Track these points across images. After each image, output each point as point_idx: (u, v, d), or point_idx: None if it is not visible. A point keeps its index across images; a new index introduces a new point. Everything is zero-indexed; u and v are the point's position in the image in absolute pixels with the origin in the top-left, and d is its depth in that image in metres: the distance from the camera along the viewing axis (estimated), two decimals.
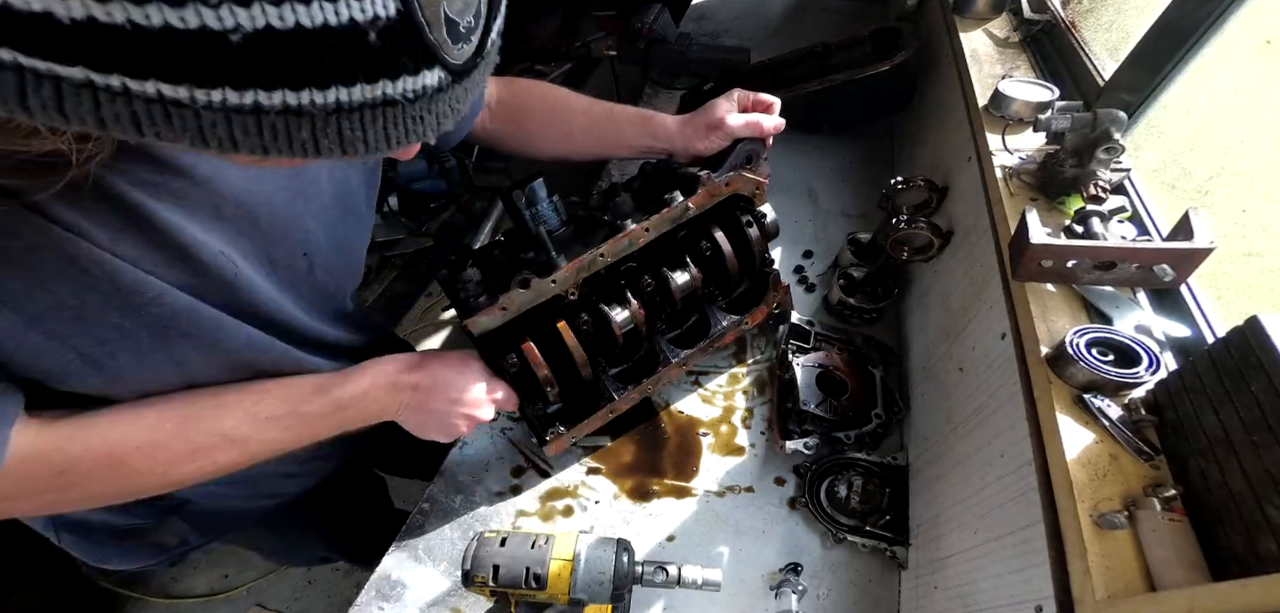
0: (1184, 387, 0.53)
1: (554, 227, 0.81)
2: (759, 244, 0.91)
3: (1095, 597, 0.47)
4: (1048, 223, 0.68)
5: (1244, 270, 0.73)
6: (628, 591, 0.72)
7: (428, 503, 0.88)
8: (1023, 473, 0.61)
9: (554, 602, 0.71)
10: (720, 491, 0.90)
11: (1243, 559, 0.44)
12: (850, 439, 0.91)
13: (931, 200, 1.06)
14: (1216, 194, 0.81)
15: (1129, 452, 0.55)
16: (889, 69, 1.30)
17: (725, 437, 0.97)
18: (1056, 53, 1.11)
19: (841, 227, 1.30)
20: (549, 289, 0.78)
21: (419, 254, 2.50)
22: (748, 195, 0.90)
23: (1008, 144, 0.87)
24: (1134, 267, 0.64)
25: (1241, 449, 0.46)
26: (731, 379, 1.04)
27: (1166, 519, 0.49)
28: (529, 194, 0.80)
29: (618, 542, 0.73)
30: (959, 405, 0.80)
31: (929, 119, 1.32)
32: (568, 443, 0.89)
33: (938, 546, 0.75)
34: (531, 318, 0.79)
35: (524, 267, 0.77)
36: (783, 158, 1.48)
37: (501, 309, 0.75)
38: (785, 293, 1.01)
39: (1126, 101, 0.86)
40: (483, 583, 0.70)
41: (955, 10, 1.26)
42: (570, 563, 0.70)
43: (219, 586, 1.75)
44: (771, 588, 0.80)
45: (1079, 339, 0.60)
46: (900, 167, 1.42)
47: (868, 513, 0.86)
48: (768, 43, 1.86)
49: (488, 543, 0.72)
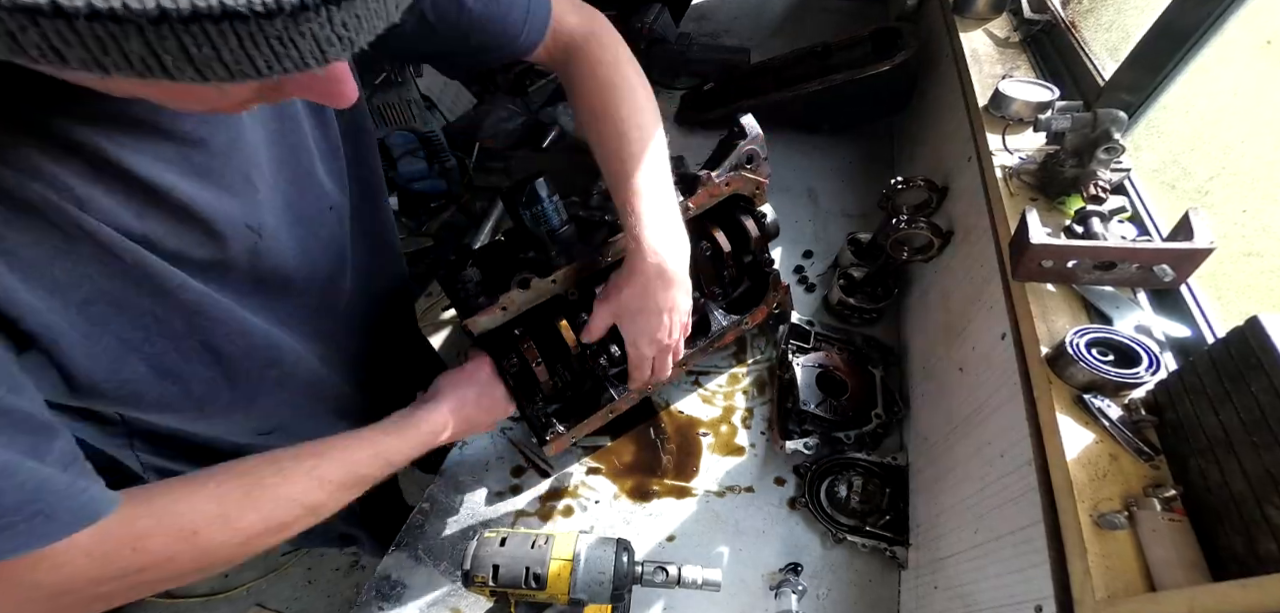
0: (1184, 387, 0.53)
1: (555, 226, 0.81)
2: (759, 244, 0.91)
3: (1095, 597, 0.47)
4: (1048, 223, 0.68)
5: (1244, 270, 0.73)
6: (628, 591, 0.72)
7: (428, 503, 0.88)
8: (1023, 473, 0.61)
9: (554, 602, 0.71)
10: (720, 491, 0.90)
11: (1243, 559, 0.44)
12: (850, 439, 0.91)
13: (931, 200, 1.06)
14: (1216, 194, 0.81)
15: (1129, 452, 0.55)
16: (889, 69, 1.30)
17: (725, 437, 0.97)
18: (1056, 53, 1.11)
19: (841, 227, 1.30)
20: (549, 289, 0.78)
21: (419, 254, 2.50)
22: (748, 195, 0.90)
23: (1008, 144, 0.87)
24: (1134, 267, 0.64)
25: (1241, 449, 0.46)
26: (731, 379, 1.04)
27: (1166, 519, 0.49)
28: (529, 193, 0.79)
29: (618, 542, 0.73)
30: (959, 405, 0.80)
31: (929, 119, 1.32)
32: (568, 443, 0.89)
33: (938, 546, 0.75)
34: (532, 318, 0.79)
35: (524, 266, 0.77)
36: (783, 158, 1.48)
37: (501, 309, 0.75)
38: (785, 293, 1.01)
39: (1126, 101, 0.86)
40: (483, 583, 0.70)
41: (955, 10, 1.26)
42: (570, 563, 0.70)
43: (219, 585, 1.75)
44: (771, 588, 0.80)
45: (1079, 339, 0.60)
46: (900, 167, 1.42)
47: (868, 513, 0.86)
48: (768, 43, 1.85)
49: (488, 543, 0.72)
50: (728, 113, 1.19)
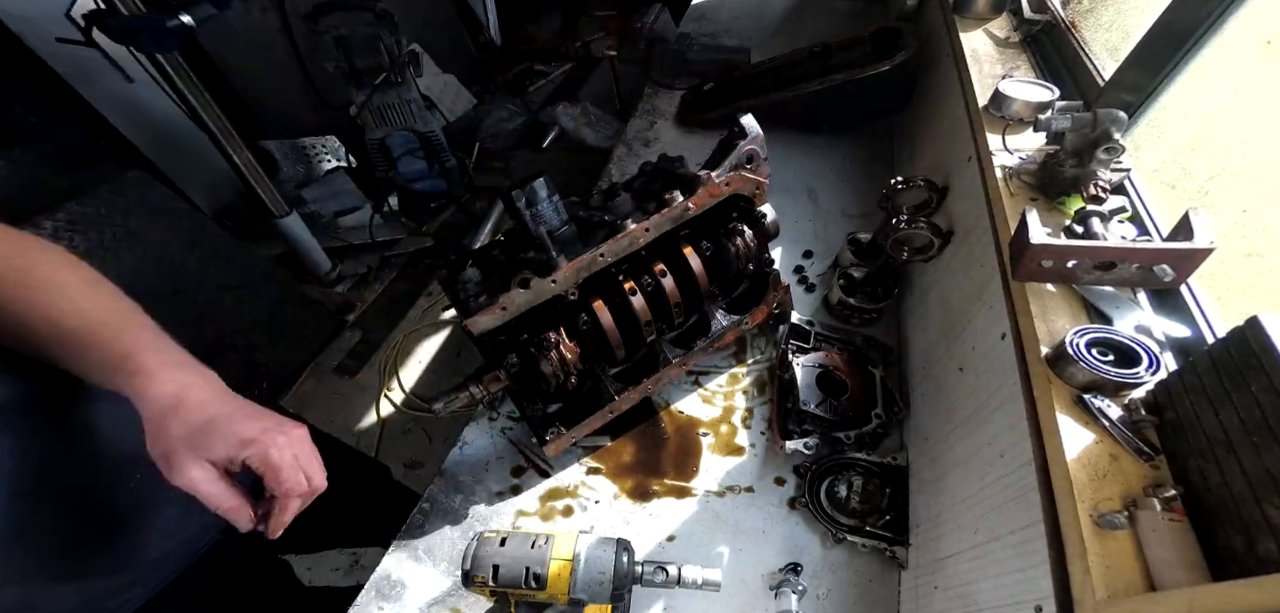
0: (1184, 387, 0.53)
1: (555, 226, 0.81)
2: (759, 244, 0.91)
3: (1095, 597, 0.47)
4: (1048, 223, 0.68)
5: (1244, 270, 0.73)
6: (627, 591, 0.72)
7: (428, 503, 0.88)
8: (1023, 473, 0.61)
9: (554, 602, 0.71)
10: (720, 491, 0.90)
11: (1243, 559, 0.44)
12: (850, 439, 0.91)
13: (931, 200, 1.06)
14: (1217, 194, 0.81)
15: (1129, 452, 0.55)
16: (889, 69, 1.30)
17: (725, 437, 0.97)
18: (1056, 53, 1.11)
19: (841, 227, 1.30)
20: (549, 289, 0.78)
21: (419, 254, 2.51)
22: (748, 195, 0.90)
23: (1008, 144, 0.87)
24: (1134, 267, 0.64)
25: (1241, 449, 0.46)
26: (731, 379, 1.04)
27: (1166, 519, 0.49)
28: (530, 194, 0.80)
29: (618, 542, 0.73)
30: (959, 405, 0.80)
31: (929, 119, 1.32)
32: (568, 443, 0.89)
33: (938, 546, 0.75)
34: (532, 318, 0.79)
35: (524, 267, 0.77)
36: (783, 158, 1.48)
37: (501, 309, 0.75)
38: (785, 293, 1.01)
39: (1126, 101, 0.86)
40: (483, 583, 0.70)
41: (955, 10, 1.26)
42: (570, 563, 0.70)
43: None
44: (771, 588, 0.80)
45: (1079, 339, 0.60)
46: (900, 167, 1.42)
47: (868, 513, 0.86)
48: (768, 43, 1.86)
49: (488, 543, 0.72)
50: (728, 113, 1.19)
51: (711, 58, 1.72)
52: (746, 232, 0.90)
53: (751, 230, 0.91)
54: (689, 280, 0.88)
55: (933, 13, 1.49)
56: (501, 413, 0.99)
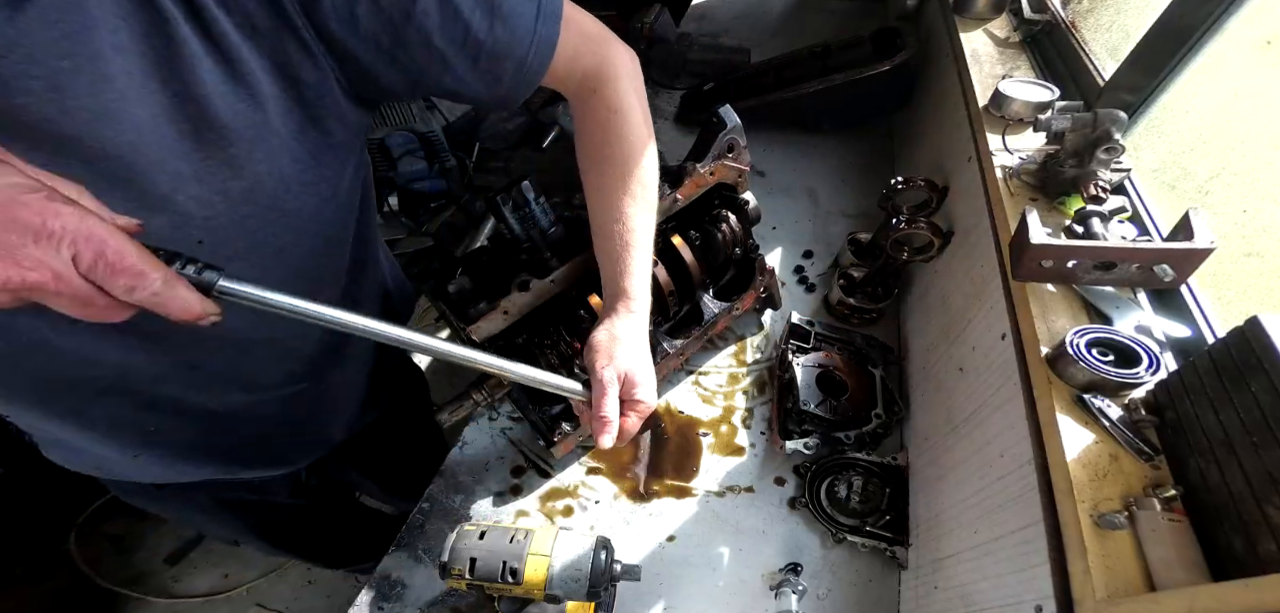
0: (1184, 387, 0.53)
1: (544, 228, 0.81)
2: (744, 229, 0.92)
3: (1095, 597, 0.47)
4: (1048, 223, 0.68)
5: (1244, 271, 0.73)
6: (604, 589, 0.70)
7: (428, 503, 0.88)
8: (1023, 473, 0.61)
9: (533, 597, 0.70)
10: (720, 491, 0.90)
11: (1243, 559, 0.44)
12: (850, 439, 0.92)
13: (931, 200, 1.06)
14: (1217, 194, 0.81)
15: (1129, 452, 0.55)
16: (889, 69, 1.30)
17: (725, 437, 0.97)
18: (1056, 53, 1.11)
19: (841, 227, 1.30)
20: (548, 290, 0.78)
21: (419, 254, 2.50)
22: (731, 183, 0.91)
23: (1008, 144, 0.87)
24: (1134, 267, 0.64)
25: (1241, 449, 0.46)
26: (731, 379, 1.04)
27: (1166, 519, 0.49)
28: (517, 196, 0.79)
29: (598, 539, 0.71)
30: (959, 405, 0.80)
31: (929, 119, 1.32)
32: (574, 443, 0.89)
33: (938, 546, 0.75)
34: (529, 319, 0.79)
35: (517, 269, 0.77)
36: (783, 158, 1.48)
37: (504, 313, 0.75)
38: (771, 276, 1.01)
39: (1126, 101, 0.86)
40: (459, 575, 0.68)
41: (955, 10, 1.26)
42: (547, 559, 0.69)
43: (219, 585, 1.75)
44: (771, 588, 0.80)
45: (1079, 339, 0.60)
46: (900, 167, 1.42)
47: (868, 513, 0.86)
48: (768, 43, 1.85)
49: (467, 536, 0.70)
50: None
51: (711, 58, 1.72)
52: (731, 218, 0.91)
53: (735, 216, 0.91)
54: (681, 269, 0.89)
55: (932, 13, 1.49)
56: (501, 413, 0.99)
